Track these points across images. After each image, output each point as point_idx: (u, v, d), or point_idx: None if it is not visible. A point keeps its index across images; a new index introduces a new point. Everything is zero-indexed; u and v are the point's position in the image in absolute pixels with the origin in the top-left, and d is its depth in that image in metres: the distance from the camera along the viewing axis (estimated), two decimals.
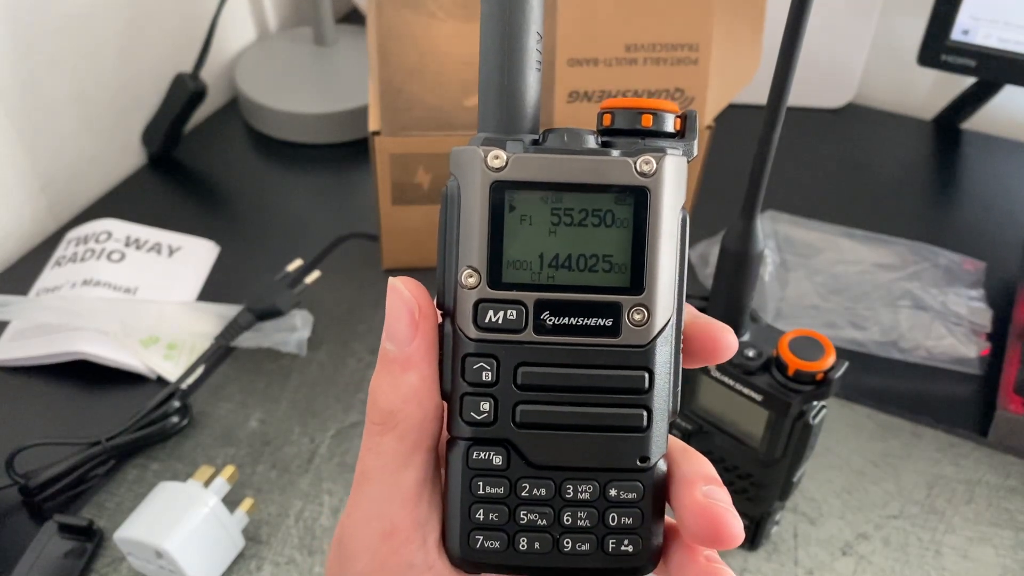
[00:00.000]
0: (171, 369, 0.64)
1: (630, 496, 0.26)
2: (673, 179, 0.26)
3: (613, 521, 0.26)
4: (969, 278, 0.72)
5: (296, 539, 0.55)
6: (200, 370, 0.63)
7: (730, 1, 0.61)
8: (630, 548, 0.27)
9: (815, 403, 0.46)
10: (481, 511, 0.26)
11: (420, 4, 0.59)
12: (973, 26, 0.76)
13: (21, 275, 0.71)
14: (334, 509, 0.56)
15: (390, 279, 0.26)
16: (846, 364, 0.46)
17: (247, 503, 0.54)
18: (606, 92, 0.62)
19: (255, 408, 0.62)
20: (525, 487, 0.26)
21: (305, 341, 0.65)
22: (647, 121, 0.26)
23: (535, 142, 0.26)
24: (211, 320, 0.65)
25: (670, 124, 0.26)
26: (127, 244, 0.71)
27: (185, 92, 0.81)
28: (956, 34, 0.77)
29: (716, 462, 0.51)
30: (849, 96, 0.93)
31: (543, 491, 0.26)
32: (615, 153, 0.25)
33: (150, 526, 0.50)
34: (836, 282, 0.71)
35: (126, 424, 0.58)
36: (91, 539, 0.53)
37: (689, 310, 0.28)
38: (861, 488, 0.58)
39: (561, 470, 0.26)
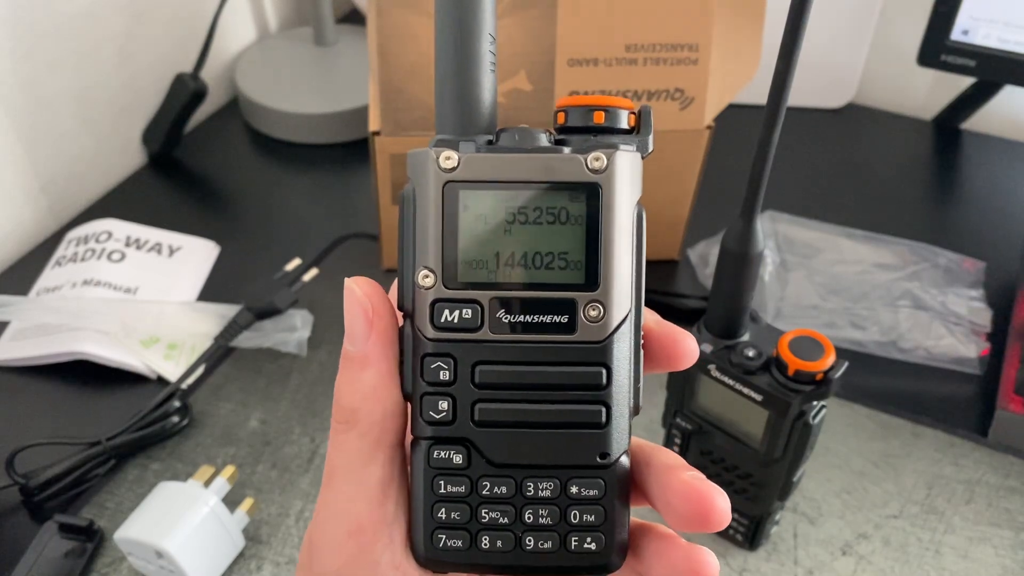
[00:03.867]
0: (171, 369, 0.64)
1: (591, 493, 0.26)
2: (626, 175, 0.26)
3: (575, 519, 0.27)
4: (969, 278, 0.72)
5: (296, 539, 0.55)
6: (200, 370, 0.63)
7: (730, 1, 0.61)
8: (593, 546, 0.27)
9: (815, 403, 0.46)
10: (443, 510, 0.27)
11: (420, 4, 0.59)
12: (973, 26, 0.76)
13: (21, 275, 0.71)
14: None
15: (346, 280, 0.27)
16: (846, 364, 0.46)
17: (247, 503, 0.54)
18: (606, 92, 0.62)
19: (255, 408, 0.62)
20: (486, 485, 0.26)
21: (305, 341, 0.65)
22: (599, 118, 0.26)
23: (490, 143, 0.26)
24: (211, 320, 0.65)
25: (624, 120, 0.27)
26: (127, 244, 0.72)
27: (185, 92, 0.81)
28: (956, 34, 0.77)
29: (716, 462, 0.51)
30: (849, 96, 0.93)
31: (504, 489, 0.26)
32: (566, 150, 0.26)
33: (150, 526, 0.50)
34: (836, 282, 0.71)
35: (126, 424, 0.58)
36: (91, 539, 0.54)
37: (652, 315, 0.28)
38: (861, 488, 0.58)
39: (522, 468, 0.26)
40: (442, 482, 0.26)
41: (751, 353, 0.47)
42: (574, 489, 0.26)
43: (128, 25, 0.79)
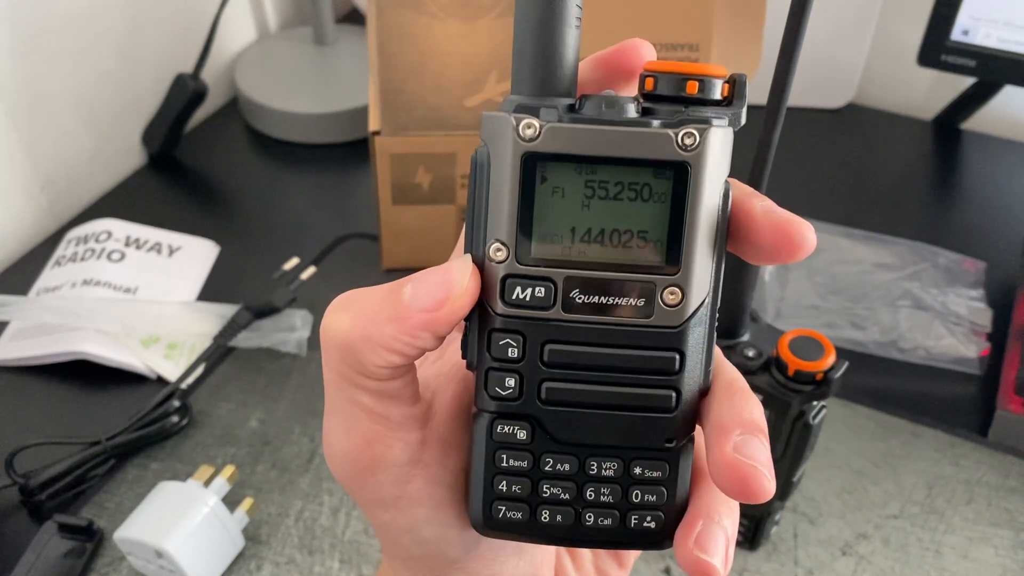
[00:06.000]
0: (171, 369, 0.64)
1: (655, 475, 0.26)
2: (717, 152, 0.24)
3: (637, 498, 0.26)
4: (969, 278, 0.72)
5: (296, 539, 0.55)
6: (200, 370, 0.63)
7: (730, 1, 0.61)
8: (652, 524, 0.26)
9: (815, 403, 0.46)
10: (504, 483, 0.26)
11: (420, 4, 0.59)
12: (973, 26, 0.76)
13: (21, 275, 0.71)
14: (334, 509, 0.56)
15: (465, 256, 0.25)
16: (846, 364, 0.45)
17: (247, 503, 0.54)
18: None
19: (255, 408, 0.62)
20: (549, 462, 0.26)
21: (305, 341, 0.65)
22: (692, 88, 0.25)
23: (571, 107, 0.24)
24: (211, 320, 0.65)
25: (717, 91, 0.25)
26: (127, 244, 0.71)
27: (186, 92, 0.81)
28: (956, 34, 0.77)
29: None
30: (849, 96, 0.93)
31: (567, 466, 0.26)
32: (655, 124, 0.24)
33: (150, 526, 0.50)
34: (836, 282, 0.71)
35: (126, 424, 0.58)
36: (91, 539, 0.53)
37: (760, 202, 0.25)
38: (861, 488, 0.58)
39: (586, 447, 0.26)
40: (504, 456, 0.26)
41: (751, 353, 0.47)
42: (637, 470, 0.26)
43: (128, 25, 0.79)
